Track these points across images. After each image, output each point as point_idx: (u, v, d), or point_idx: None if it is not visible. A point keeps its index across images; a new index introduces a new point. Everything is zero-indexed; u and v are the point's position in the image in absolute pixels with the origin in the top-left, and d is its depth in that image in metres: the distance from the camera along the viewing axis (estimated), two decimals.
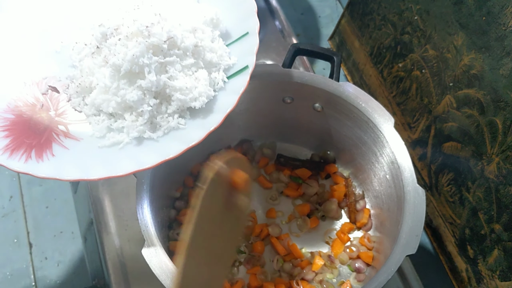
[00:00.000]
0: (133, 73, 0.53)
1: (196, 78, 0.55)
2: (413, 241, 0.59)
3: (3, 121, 0.55)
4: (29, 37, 0.59)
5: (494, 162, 0.69)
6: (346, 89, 0.71)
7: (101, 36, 0.55)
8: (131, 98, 0.52)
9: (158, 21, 0.54)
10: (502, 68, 0.66)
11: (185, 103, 0.54)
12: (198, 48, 0.55)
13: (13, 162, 0.53)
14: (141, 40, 0.52)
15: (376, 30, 0.94)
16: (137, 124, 0.54)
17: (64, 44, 0.59)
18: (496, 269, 0.71)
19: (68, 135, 0.56)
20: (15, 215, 0.94)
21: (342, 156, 0.82)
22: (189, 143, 0.52)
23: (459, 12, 0.72)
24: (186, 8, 0.58)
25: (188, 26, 0.55)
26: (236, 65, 0.57)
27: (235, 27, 0.59)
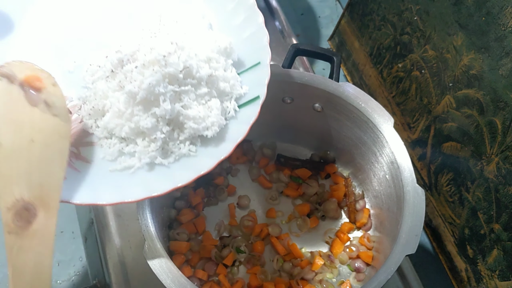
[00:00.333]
0: (148, 101, 0.53)
1: (209, 107, 0.55)
2: (413, 241, 0.59)
3: None
4: (43, 55, 0.58)
5: (494, 162, 0.69)
6: (346, 89, 0.71)
7: (117, 62, 0.55)
8: (145, 125, 0.53)
9: (174, 50, 0.54)
10: (502, 69, 0.66)
11: (197, 132, 0.55)
12: (212, 78, 0.56)
13: None
14: (158, 69, 0.53)
15: (376, 30, 0.94)
16: (149, 150, 0.55)
17: (77, 64, 0.58)
18: (496, 269, 0.71)
19: (79, 157, 0.56)
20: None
21: (342, 156, 0.82)
22: (199, 172, 0.53)
23: (459, 13, 0.73)
24: (200, 36, 0.58)
25: (203, 55, 0.56)
26: (247, 94, 0.58)
27: (247, 56, 0.60)
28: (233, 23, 0.60)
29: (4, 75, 0.46)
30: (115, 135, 0.56)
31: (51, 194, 0.46)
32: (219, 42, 0.57)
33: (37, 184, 0.45)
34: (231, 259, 0.72)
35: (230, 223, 0.77)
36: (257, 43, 0.59)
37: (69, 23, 0.61)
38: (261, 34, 0.59)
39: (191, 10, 0.60)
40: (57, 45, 0.59)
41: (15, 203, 0.43)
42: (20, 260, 0.42)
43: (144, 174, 0.55)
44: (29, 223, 0.44)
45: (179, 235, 0.73)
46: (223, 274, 0.71)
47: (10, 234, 0.42)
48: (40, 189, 0.45)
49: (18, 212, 0.43)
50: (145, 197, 0.54)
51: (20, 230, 0.43)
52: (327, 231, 0.77)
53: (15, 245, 0.42)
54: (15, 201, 0.43)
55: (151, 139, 0.54)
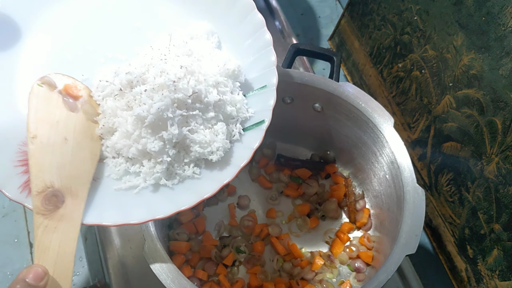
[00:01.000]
0: (157, 124, 0.53)
1: (215, 131, 0.56)
2: (413, 241, 0.59)
3: (21, 155, 0.54)
4: (50, 65, 0.58)
5: (494, 162, 0.69)
6: (346, 89, 0.71)
7: (126, 82, 0.55)
8: (153, 148, 0.53)
9: (184, 75, 0.54)
10: (502, 68, 0.66)
11: (202, 156, 0.55)
12: (219, 102, 0.56)
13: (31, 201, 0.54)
14: (167, 94, 0.53)
15: (376, 30, 0.94)
16: (155, 171, 0.55)
17: (85, 77, 0.58)
18: (496, 269, 0.71)
19: None
20: (15, 215, 0.94)
21: (342, 156, 0.82)
22: (202, 196, 0.54)
23: (459, 13, 0.73)
24: (209, 58, 0.58)
25: (212, 80, 0.56)
26: (253, 117, 0.58)
27: (254, 79, 0.60)
28: (241, 42, 0.60)
29: (45, 82, 0.54)
30: (121, 155, 0.56)
31: (79, 185, 0.53)
32: (227, 65, 0.57)
33: (67, 175, 0.51)
34: (231, 259, 0.72)
35: (230, 223, 0.77)
36: (265, 67, 0.59)
37: (78, 34, 0.60)
38: (269, 58, 0.59)
39: (199, 28, 0.60)
40: (65, 56, 0.59)
41: (45, 188, 0.49)
42: (46, 238, 0.48)
43: (148, 195, 0.56)
44: (57, 207, 0.50)
45: (179, 235, 0.73)
46: (223, 274, 0.71)
47: (37, 214, 0.48)
48: (70, 180, 0.52)
49: (47, 197, 0.49)
50: (149, 219, 0.54)
51: (48, 212, 0.49)
52: (327, 231, 0.77)
53: (41, 225, 0.48)
54: (45, 187, 0.49)
55: (157, 161, 0.55)
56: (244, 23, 0.60)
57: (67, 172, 0.52)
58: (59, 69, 0.57)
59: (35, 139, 0.51)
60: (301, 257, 0.73)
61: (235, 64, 0.57)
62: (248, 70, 0.60)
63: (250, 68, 0.60)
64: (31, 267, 0.45)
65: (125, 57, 0.59)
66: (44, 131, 0.51)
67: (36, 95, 0.53)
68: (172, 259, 0.59)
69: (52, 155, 0.51)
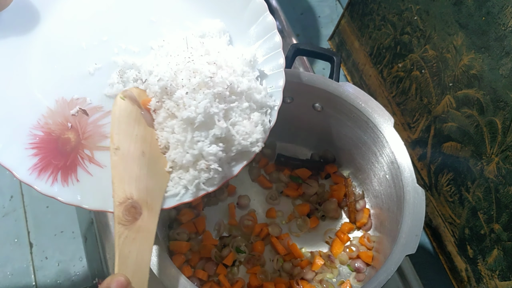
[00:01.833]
0: (205, 123, 0.54)
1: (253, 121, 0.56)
2: (413, 241, 0.59)
3: (32, 137, 0.55)
4: (65, 53, 0.59)
5: (494, 162, 0.69)
6: (346, 89, 0.71)
7: (160, 91, 0.55)
8: (210, 151, 0.54)
9: (216, 70, 0.55)
10: (502, 68, 0.66)
11: (245, 148, 0.56)
12: (249, 91, 0.57)
13: (41, 184, 0.54)
14: (208, 91, 0.53)
15: (376, 30, 0.94)
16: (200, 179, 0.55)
17: (98, 66, 0.59)
18: (496, 269, 0.71)
19: (93, 160, 0.57)
20: (15, 214, 0.94)
21: (342, 156, 0.82)
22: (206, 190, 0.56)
23: (459, 12, 0.72)
24: (227, 52, 0.59)
25: (239, 70, 0.57)
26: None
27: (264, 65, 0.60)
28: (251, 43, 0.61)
29: (127, 96, 0.55)
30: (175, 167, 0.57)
31: (154, 199, 0.54)
32: (244, 55, 0.58)
33: (144, 188, 0.52)
34: (231, 259, 0.72)
35: (230, 223, 0.77)
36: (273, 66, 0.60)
37: (93, 24, 0.60)
38: (277, 56, 0.59)
39: (212, 26, 0.60)
40: (80, 44, 0.59)
41: (125, 199, 0.50)
42: (126, 248, 0.49)
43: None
44: (135, 219, 0.50)
45: (179, 235, 0.73)
46: (223, 274, 0.71)
47: (119, 224, 0.49)
48: (146, 193, 0.52)
49: (127, 208, 0.50)
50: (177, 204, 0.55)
51: (128, 223, 0.50)
52: (327, 231, 0.77)
53: (122, 235, 0.49)
54: (125, 198, 0.50)
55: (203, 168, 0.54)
56: (255, 24, 0.61)
57: (144, 185, 0.53)
58: (74, 56, 0.58)
59: (118, 151, 0.52)
60: (301, 257, 0.73)
61: (250, 54, 0.58)
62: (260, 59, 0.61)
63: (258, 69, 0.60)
64: (115, 276, 0.46)
65: (138, 49, 0.60)
66: (125, 144, 0.53)
67: (119, 108, 0.54)
68: (172, 259, 0.59)
69: (131, 168, 0.52)
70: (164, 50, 0.58)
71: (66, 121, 0.57)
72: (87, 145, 0.57)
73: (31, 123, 0.56)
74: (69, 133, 0.57)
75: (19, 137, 0.55)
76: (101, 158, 0.57)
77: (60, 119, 0.57)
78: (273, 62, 0.60)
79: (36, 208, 0.94)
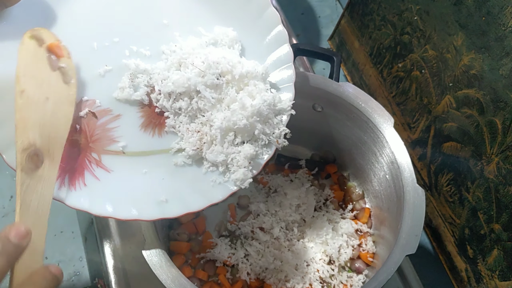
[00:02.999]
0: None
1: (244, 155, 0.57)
2: (413, 241, 0.59)
3: None
4: (75, 52, 0.57)
5: (494, 162, 0.69)
6: (346, 89, 0.71)
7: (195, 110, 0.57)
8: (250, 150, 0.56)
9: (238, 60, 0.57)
10: (502, 68, 0.66)
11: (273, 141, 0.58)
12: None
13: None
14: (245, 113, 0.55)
15: (376, 30, 0.94)
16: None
17: (108, 69, 0.57)
18: (496, 269, 0.71)
19: (100, 164, 0.57)
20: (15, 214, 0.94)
21: (342, 156, 0.82)
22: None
23: (459, 13, 0.72)
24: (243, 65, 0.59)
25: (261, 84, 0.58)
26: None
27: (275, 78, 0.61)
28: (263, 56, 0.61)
29: (35, 37, 0.52)
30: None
31: (56, 148, 0.52)
32: (257, 68, 0.58)
33: (46, 135, 0.50)
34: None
35: (230, 223, 0.77)
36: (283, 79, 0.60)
37: (105, 25, 0.59)
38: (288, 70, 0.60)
39: (225, 34, 0.60)
40: (91, 44, 0.58)
41: (29, 146, 0.48)
42: (27, 197, 0.47)
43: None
44: (37, 167, 0.49)
45: (179, 235, 0.73)
46: (223, 274, 0.71)
47: (22, 171, 0.47)
48: (48, 141, 0.50)
49: (30, 155, 0.48)
50: (159, 217, 0.55)
51: (30, 171, 0.48)
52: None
53: (25, 183, 0.47)
54: (29, 145, 0.48)
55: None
56: (268, 35, 0.60)
57: (47, 132, 0.51)
58: (84, 56, 0.57)
59: (23, 94, 0.49)
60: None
61: (263, 67, 0.58)
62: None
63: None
64: (14, 225, 0.44)
65: (149, 53, 0.59)
66: (31, 87, 0.50)
67: (26, 49, 0.51)
68: (172, 259, 0.59)
69: (35, 113, 0.50)
70: (176, 56, 0.58)
71: (74, 123, 0.56)
72: (94, 148, 0.57)
73: None
74: (77, 136, 0.56)
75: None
76: (108, 162, 0.57)
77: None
78: (283, 76, 0.60)
79: None
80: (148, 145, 0.58)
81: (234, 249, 0.73)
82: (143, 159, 0.58)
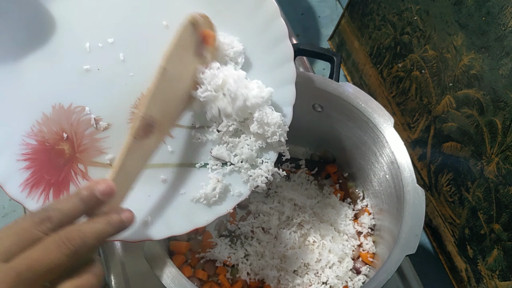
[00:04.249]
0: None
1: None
2: (413, 241, 0.59)
3: (25, 147, 0.51)
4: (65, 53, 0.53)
5: (494, 162, 0.69)
6: (346, 89, 0.71)
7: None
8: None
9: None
10: (502, 68, 0.66)
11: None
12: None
13: (31, 202, 0.52)
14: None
15: (375, 30, 0.94)
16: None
17: (101, 72, 0.54)
18: (496, 269, 0.71)
19: (86, 176, 0.54)
20: (15, 215, 0.94)
21: (342, 156, 0.82)
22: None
23: (459, 13, 0.73)
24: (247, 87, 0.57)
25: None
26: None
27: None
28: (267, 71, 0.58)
29: (194, 21, 0.53)
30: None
31: (168, 123, 0.54)
32: (262, 93, 0.56)
33: (164, 112, 0.52)
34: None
35: (230, 223, 0.77)
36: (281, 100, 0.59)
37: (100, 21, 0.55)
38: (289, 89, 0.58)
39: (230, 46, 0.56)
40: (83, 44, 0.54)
41: (148, 117, 0.50)
42: (127, 160, 0.48)
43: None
44: (146, 137, 0.50)
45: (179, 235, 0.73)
46: (223, 274, 0.71)
47: (132, 136, 0.49)
48: (163, 117, 0.52)
49: (145, 124, 0.50)
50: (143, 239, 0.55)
51: (139, 138, 0.49)
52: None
53: (131, 147, 0.49)
54: (148, 115, 0.50)
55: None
56: (274, 50, 0.57)
57: (165, 109, 0.52)
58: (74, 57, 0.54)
59: (165, 72, 0.50)
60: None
61: (268, 91, 0.56)
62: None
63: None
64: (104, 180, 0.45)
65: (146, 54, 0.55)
66: (172, 67, 0.51)
67: (184, 31, 0.52)
68: (172, 259, 0.59)
69: (165, 89, 0.51)
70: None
71: (61, 131, 0.53)
72: (81, 159, 0.54)
73: (24, 130, 0.52)
74: (63, 144, 0.53)
75: (11, 147, 0.51)
76: (95, 175, 0.54)
77: (55, 128, 0.53)
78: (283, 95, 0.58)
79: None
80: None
81: (234, 249, 0.73)
82: None
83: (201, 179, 0.57)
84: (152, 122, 0.50)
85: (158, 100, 0.50)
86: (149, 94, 0.49)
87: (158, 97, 0.50)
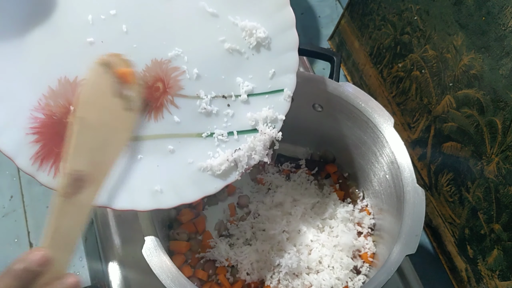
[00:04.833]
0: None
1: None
2: (413, 241, 0.59)
3: (33, 121, 0.52)
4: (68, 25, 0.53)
5: (494, 162, 0.69)
6: (346, 89, 0.71)
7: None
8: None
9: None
10: (502, 68, 0.66)
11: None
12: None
13: (43, 175, 0.53)
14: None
15: (376, 30, 0.94)
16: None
17: (104, 44, 0.54)
18: (496, 269, 0.71)
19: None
20: (15, 214, 0.94)
21: (342, 156, 0.82)
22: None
23: (459, 12, 0.72)
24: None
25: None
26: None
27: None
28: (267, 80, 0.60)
29: (104, 62, 0.51)
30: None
31: (101, 174, 0.51)
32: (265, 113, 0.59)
33: (95, 162, 0.50)
34: None
35: (230, 222, 0.77)
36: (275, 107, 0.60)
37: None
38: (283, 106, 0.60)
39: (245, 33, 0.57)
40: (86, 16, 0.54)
41: (76, 172, 0.48)
42: (59, 222, 0.47)
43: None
44: (78, 193, 0.48)
45: (179, 235, 0.73)
46: (223, 274, 0.71)
47: (60, 196, 0.47)
48: (95, 168, 0.50)
49: (73, 180, 0.48)
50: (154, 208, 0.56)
51: (69, 195, 0.48)
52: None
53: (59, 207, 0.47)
54: (76, 170, 0.48)
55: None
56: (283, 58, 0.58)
57: (96, 158, 0.50)
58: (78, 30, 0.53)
59: (83, 120, 0.49)
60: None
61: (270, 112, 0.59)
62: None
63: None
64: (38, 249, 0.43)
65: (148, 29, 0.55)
66: (91, 114, 0.50)
67: (95, 75, 0.50)
68: (172, 259, 0.59)
69: (89, 139, 0.50)
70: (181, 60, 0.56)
71: (68, 104, 0.53)
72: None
73: (31, 104, 0.53)
74: (71, 118, 0.53)
75: (20, 121, 0.52)
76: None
77: (62, 101, 0.54)
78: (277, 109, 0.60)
79: (36, 208, 0.94)
80: (143, 129, 0.56)
81: (234, 249, 0.73)
82: (139, 144, 0.56)
83: (208, 148, 0.58)
84: (81, 176, 0.48)
85: (82, 151, 0.49)
86: (71, 148, 0.48)
87: (82, 149, 0.49)
